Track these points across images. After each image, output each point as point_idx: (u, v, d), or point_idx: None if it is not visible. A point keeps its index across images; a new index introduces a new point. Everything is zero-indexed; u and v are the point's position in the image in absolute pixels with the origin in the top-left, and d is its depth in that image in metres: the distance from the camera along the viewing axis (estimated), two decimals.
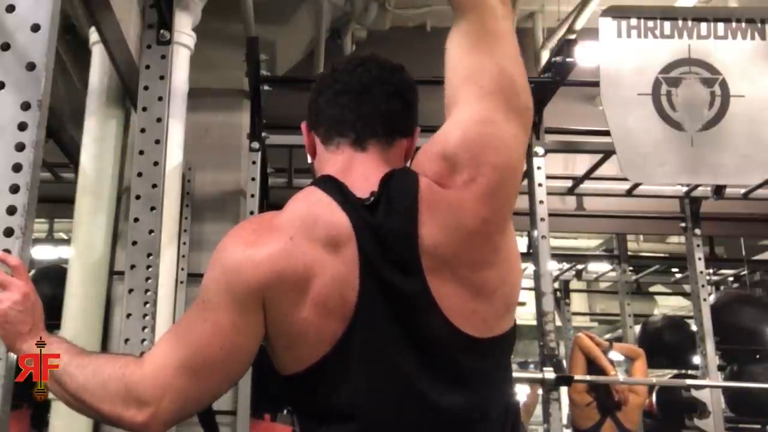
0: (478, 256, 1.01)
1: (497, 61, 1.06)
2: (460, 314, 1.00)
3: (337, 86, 1.14)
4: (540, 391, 5.61)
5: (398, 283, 0.99)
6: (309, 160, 1.20)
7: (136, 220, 1.94)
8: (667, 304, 9.24)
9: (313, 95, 1.18)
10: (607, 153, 3.50)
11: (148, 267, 1.90)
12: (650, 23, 2.65)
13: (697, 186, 3.72)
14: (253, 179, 3.05)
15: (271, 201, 3.82)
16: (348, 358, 0.99)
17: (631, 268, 6.45)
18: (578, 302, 9.31)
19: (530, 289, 2.95)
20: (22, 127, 1.18)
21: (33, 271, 4.23)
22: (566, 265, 7.01)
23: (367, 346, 0.99)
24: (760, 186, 3.60)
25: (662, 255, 7.58)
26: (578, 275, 7.32)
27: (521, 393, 5.32)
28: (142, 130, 2.01)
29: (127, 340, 1.86)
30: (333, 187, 1.05)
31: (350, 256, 0.99)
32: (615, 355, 4.25)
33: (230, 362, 1.02)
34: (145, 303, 1.88)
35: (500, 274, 1.04)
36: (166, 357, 1.02)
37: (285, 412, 3.05)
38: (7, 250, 1.13)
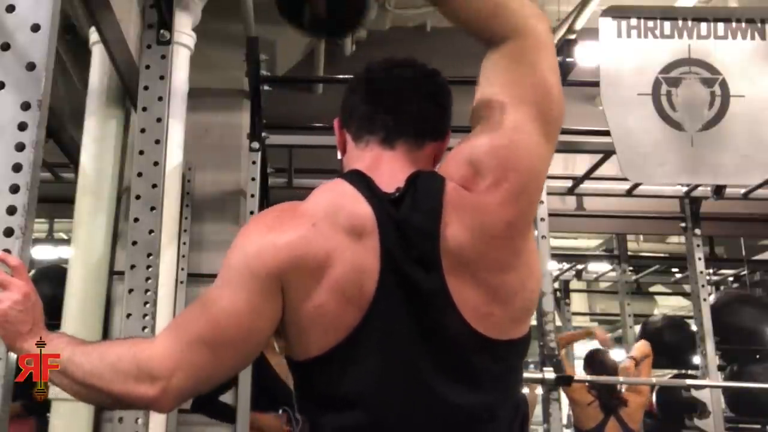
0: (500, 259, 1.02)
1: (536, 72, 1.07)
2: (476, 315, 1.01)
3: (371, 86, 1.16)
4: (538, 391, 5.61)
5: (417, 279, 1.00)
6: (339, 156, 1.22)
7: (136, 220, 1.94)
8: (667, 304, 9.24)
9: (347, 93, 1.19)
10: (607, 153, 3.50)
11: (148, 267, 1.91)
12: (650, 23, 2.65)
13: (697, 186, 3.72)
14: (253, 179, 3.05)
15: (271, 201, 3.82)
16: (361, 347, 1.00)
17: (631, 268, 6.45)
18: (578, 302, 9.31)
19: None
20: (22, 127, 1.18)
21: (33, 271, 4.24)
22: (566, 265, 7.01)
23: (381, 337, 1.00)
24: (760, 186, 3.60)
25: (662, 255, 7.59)
26: (578, 275, 7.32)
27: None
28: (142, 130, 2.01)
29: None
30: (359, 179, 1.06)
31: (372, 246, 1.00)
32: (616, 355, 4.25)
33: (245, 342, 1.03)
34: (145, 303, 1.88)
35: (520, 279, 1.05)
36: (180, 333, 1.02)
37: (280, 411, 3.06)
38: (7, 250, 1.13)
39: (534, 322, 2.97)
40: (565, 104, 1.11)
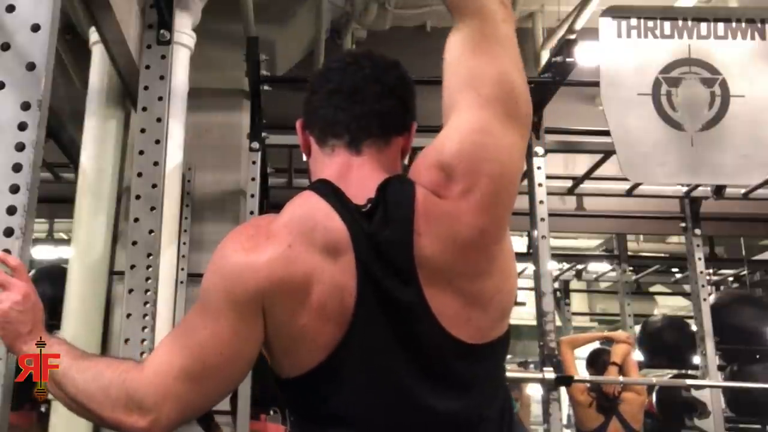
0: (474, 265, 1.02)
1: (497, 67, 1.04)
2: (455, 322, 1.01)
3: (329, 85, 1.13)
4: (528, 391, 5.62)
5: (395, 292, 0.99)
6: (304, 158, 1.20)
7: (136, 220, 1.94)
8: (667, 304, 9.23)
9: (307, 94, 1.17)
10: (607, 153, 3.50)
11: (148, 267, 1.90)
12: (650, 23, 2.65)
13: (697, 186, 3.72)
14: (253, 179, 3.05)
15: (271, 201, 3.82)
16: (345, 363, 1.00)
17: (631, 268, 6.44)
18: (578, 302, 9.31)
19: (530, 289, 2.95)
20: (22, 127, 1.18)
21: (33, 271, 4.24)
22: (566, 265, 7.01)
23: (364, 352, 1.00)
24: (760, 186, 3.60)
25: (662, 255, 7.58)
26: (578, 275, 7.32)
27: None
28: (142, 130, 2.01)
29: (127, 340, 1.86)
30: (330, 192, 1.04)
31: (348, 263, 0.99)
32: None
33: (230, 368, 1.03)
34: (145, 303, 1.88)
35: (496, 283, 1.04)
36: (167, 363, 1.01)
37: (271, 412, 3.07)
38: (7, 250, 1.13)
39: (534, 322, 2.99)
40: (565, 104, 1.11)
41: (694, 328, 4.37)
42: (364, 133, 1.10)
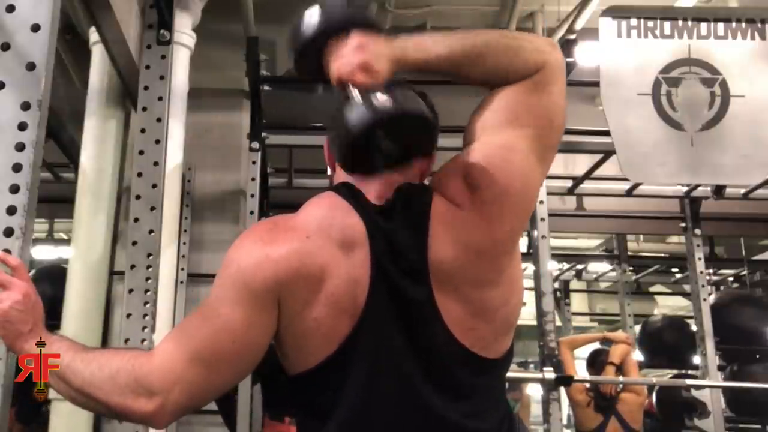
0: (483, 275, 1.04)
1: (542, 101, 1.07)
2: (460, 329, 1.02)
3: None
4: (528, 391, 5.62)
5: (406, 290, 1.01)
6: (329, 172, 1.23)
7: (136, 220, 1.94)
8: (667, 304, 9.23)
9: None
10: (607, 153, 3.50)
11: (148, 267, 1.91)
12: (650, 23, 2.66)
13: (697, 186, 3.71)
14: (253, 179, 3.06)
15: (271, 201, 3.82)
16: (353, 356, 1.01)
17: (631, 268, 6.44)
18: (578, 302, 9.31)
19: (530, 289, 2.95)
20: (22, 127, 1.18)
21: (33, 271, 4.23)
22: (566, 265, 7.01)
23: (372, 345, 1.01)
24: (760, 186, 3.60)
25: (662, 255, 7.58)
26: (578, 275, 7.32)
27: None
28: (142, 130, 2.01)
29: (127, 340, 1.87)
30: (348, 192, 1.08)
31: (363, 258, 1.02)
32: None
33: (242, 357, 1.03)
34: (145, 303, 1.88)
35: (503, 294, 1.06)
36: (177, 349, 1.02)
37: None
38: (7, 250, 1.13)
39: (534, 322, 2.98)
40: (565, 104, 1.12)
41: (694, 328, 4.37)
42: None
